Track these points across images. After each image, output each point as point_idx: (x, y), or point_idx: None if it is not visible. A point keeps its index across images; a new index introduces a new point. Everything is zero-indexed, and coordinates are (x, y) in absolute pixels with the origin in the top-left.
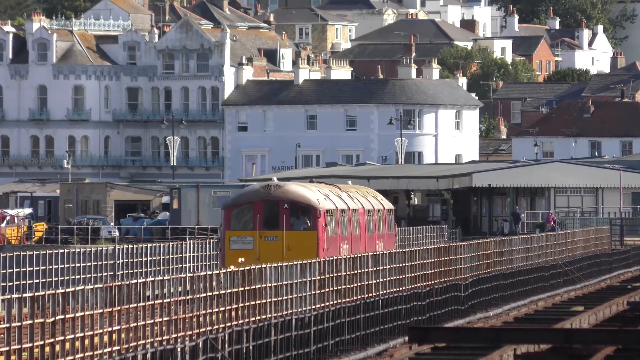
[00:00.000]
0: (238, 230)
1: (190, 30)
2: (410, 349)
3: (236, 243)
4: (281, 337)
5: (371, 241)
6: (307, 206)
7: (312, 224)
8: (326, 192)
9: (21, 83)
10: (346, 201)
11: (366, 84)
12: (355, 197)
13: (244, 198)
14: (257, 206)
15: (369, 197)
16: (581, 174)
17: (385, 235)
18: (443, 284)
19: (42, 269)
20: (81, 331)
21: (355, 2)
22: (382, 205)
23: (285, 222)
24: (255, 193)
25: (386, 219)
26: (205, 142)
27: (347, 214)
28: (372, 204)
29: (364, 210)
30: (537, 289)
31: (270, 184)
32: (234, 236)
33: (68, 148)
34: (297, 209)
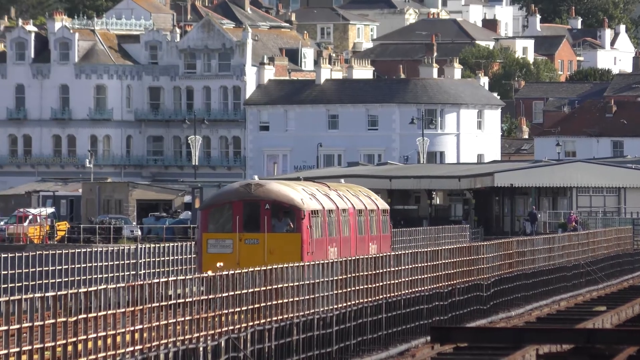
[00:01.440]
0: (216, 233)
1: (212, 30)
2: (432, 348)
3: (214, 246)
4: (303, 336)
5: (363, 243)
6: (290, 206)
7: (296, 225)
8: (312, 192)
9: (43, 82)
10: (335, 201)
11: (388, 83)
12: (346, 197)
13: (222, 198)
14: (237, 207)
15: (360, 196)
16: (603, 174)
17: (379, 237)
18: (465, 283)
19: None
20: (103, 330)
21: (376, 2)
22: (375, 205)
23: (266, 223)
24: (235, 192)
25: (380, 219)
26: (227, 141)
27: (335, 215)
28: (365, 203)
29: (355, 210)
30: (559, 289)
31: (250, 182)
32: (212, 239)
33: (90, 147)
34: (280, 210)
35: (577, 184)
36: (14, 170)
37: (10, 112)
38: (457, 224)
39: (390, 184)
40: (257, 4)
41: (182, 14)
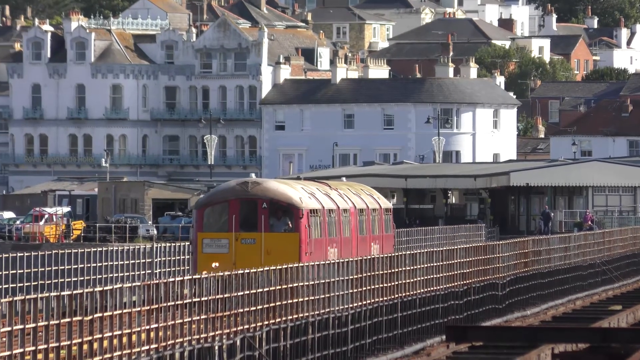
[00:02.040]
0: (212, 232)
1: (228, 30)
2: (447, 347)
3: (210, 246)
4: (318, 335)
5: (364, 243)
6: (288, 205)
7: (294, 225)
8: (312, 191)
9: (59, 82)
10: (335, 200)
11: (403, 83)
12: (347, 196)
13: (218, 196)
14: (233, 205)
15: (362, 195)
16: (619, 173)
17: (381, 237)
18: (480, 282)
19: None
20: (119, 329)
21: (392, 1)
22: (378, 204)
23: (263, 223)
24: (231, 191)
25: (382, 218)
26: (243, 140)
27: (335, 214)
28: (367, 202)
29: (356, 210)
30: (575, 288)
31: (248, 180)
32: (207, 239)
33: (106, 147)
34: (277, 209)
35: (593, 184)
36: (30, 169)
37: (27, 111)
38: (473, 223)
39: (406, 183)
40: (273, 4)
41: (198, 14)
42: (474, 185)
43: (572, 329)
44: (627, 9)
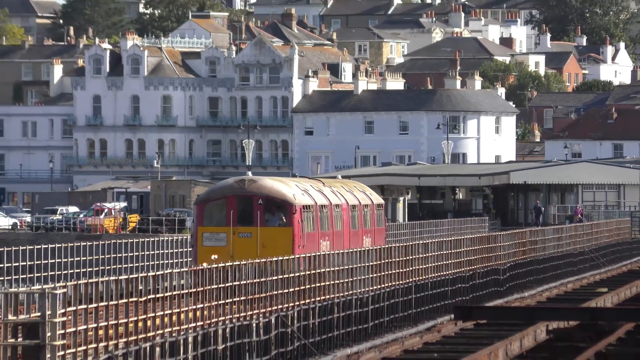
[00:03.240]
0: (211, 227)
1: (264, 47)
2: (455, 325)
3: (209, 240)
4: (343, 314)
5: (356, 237)
6: (282, 202)
7: (288, 220)
8: (305, 188)
9: (117, 93)
10: (328, 196)
11: (417, 93)
12: (339, 192)
13: (217, 193)
14: (231, 201)
15: (355, 192)
16: (605, 173)
17: (373, 231)
18: (484, 268)
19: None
20: (169, 309)
21: (407, 22)
22: (370, 200)
23: (259, 218)
24: (229, 188)
25: (374, 213)
26: (277, 144)
27: (328, 210)
28: (359, 198)
29: (348, 206)
30: (567, 273)
31: (244, 178)
32: (207, 232)
33: (157, 150)
34: (272, 205)
35: (582, 182)
36: (92, 169)
37: (89, 119)
38: (478, 217)
39: (419, 181)
40: (303, 25)
41: (238, 34)
42: (478, 183)
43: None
44: (612, 29)
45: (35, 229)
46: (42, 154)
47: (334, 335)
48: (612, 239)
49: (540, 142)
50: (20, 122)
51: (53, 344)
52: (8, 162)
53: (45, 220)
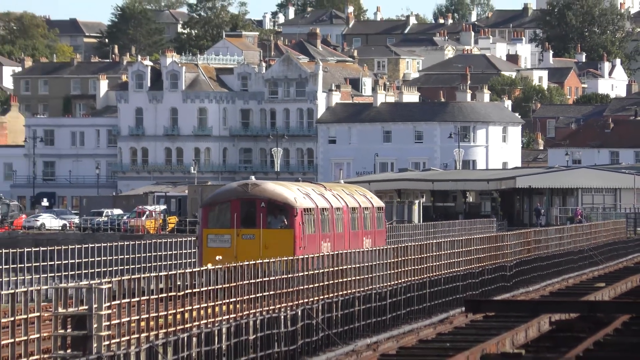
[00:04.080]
0: (216, 229)
1: (291, 64)
2: (466, 317)
3: (214, 241)
4: (363, 307)
5: (356, 238)
6: (284, 205)
7: (289, 222)
8: (307, 191)
9: (157, 106)
10: (329, 200)
11: (431, 105)
12: (340, 196)
13: (221, 196)
14: (235, 205)
15: (356, 196)
16: (603, 178)
17: (373, 232)
18: (492, 265)
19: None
20: (204, 302)
21: (422, 41)
22: (370, 203)
23: (262, 220)
24: (233, 192)
25: (375, 216)
26: (303, 152)
27: (329, 212)
28: (359, 202)
29: (349, 208)
30: (568, 269)
31: (247, 182)
32: (212, 234)
33: (194, 157)
34: (274, 208)
35: (582, 186)
36: (134, 175)
37: (132, 129)
38: (486, 218)
39: (432, 185)
40: (327, 43)
41: (267, 51)
42: (487, 187)
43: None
44: (609, 46)
45: (83, 230)
46: (89, 162)
47: (355, 327)
48: (609, 238)
49: (544, 150)
50: (69, 132)
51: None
52: (58, 169)
53: (92, 221)
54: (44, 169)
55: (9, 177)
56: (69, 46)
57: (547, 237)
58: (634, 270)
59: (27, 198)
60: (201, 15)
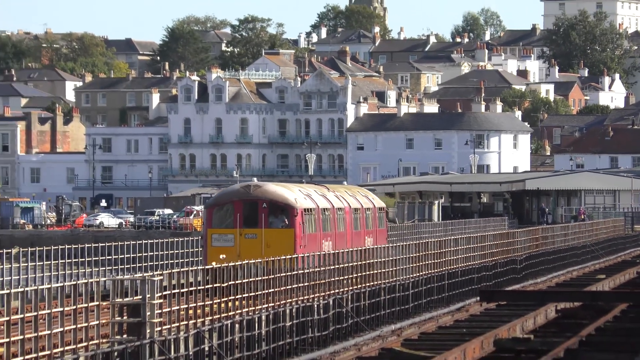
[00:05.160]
0: (219, 229)
1: (323, 78)
2: (480, 305)
3: (217, 240)
4: (388, 297)
5: (358, 237)
6: (285, 205)
7: (290, 222)
8: (309, 192)
9: (203, 117)
10: (331, 200)
11: (449, 116)
12: (342, 197)
13: (225, 198)
14: (237, 205)
15: (358, 197)
16: (603, 181)
17: (375, 231)
18: (504, 259)
19: None
20: (246, 292)
21: (441, 58)
22: (372, 204)
23: (264, 220)
24: (236, 193)
25: (376, 216)
26: (334, 158)
27: (330, 212)
28: (361, 202)
29: (351, 209)
30: (572, 263)
31: (250, 184)
32: (216, 234)
33: (236, 162)
34: (275, 208)
35: (584, 188)
36: (183, 178)
37: (181, 137)
38: (499, 217)
39: (450, 187)
40: (355, 60)
41: (302, 67)
42: (499, 189)
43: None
44: (609, 62)
45: (137, 228)
46: (142, 166)
47: (381, 314)
48: (609, 235)
49: (550, 156)
50: (125, 140)
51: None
52: (115, 173)
53: (145, 220)
54: (103, 173)
55: (71, 181)
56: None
57: (553, 234)
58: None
59: (88, 199)
60: (243, 35)
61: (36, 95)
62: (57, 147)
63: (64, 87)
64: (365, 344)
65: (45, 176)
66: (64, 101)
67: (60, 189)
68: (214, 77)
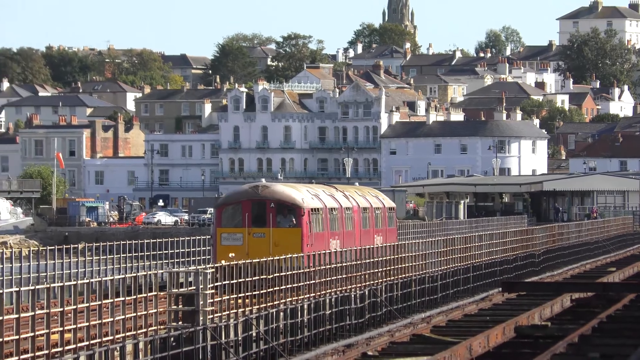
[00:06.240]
0: (228, 228)
1: (359, 90)
2: (502, 295)
3: (227, 239)
4: (419, 288)
5: (367, 235)
6: (292, 205)
7: (297, 221)
8: (316, 192)
9: (251, 125)
10: (339, 200)
11: (473, 123)
12: (352, 197)
13: (234, 198)
14: (246, 205)
15: (368, 197)
16: (614, 182)
17: (384, 230)
18: (524, 253)
19: None
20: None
21: (466, 71)
22: (382, 204)
23: (271, 220)
24: (245, 193)
25: (386, 215)
26: (369, 162)
27: (338, 212)
28: (371, 202)
29: (360, 208)
30: (585, 257)
31: (258, 184)
32: (225, 233)
33: (281, 166)
34: (283, 208)
35: (597, 189)
36: (232, 180)
37: (230, 143)
38: (519, 215)
39: (475, 188)
40: (388, 73)
41: (340, 80)
42: (519, 190)
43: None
44: (619, 75)
45: (191, 225)
46: (196, 170)
47: (412, 304)
48: (619, 231)
49: (565, 160)
50: (180, 146)
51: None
52: (171, 176)
53: (199, 218)
54: (160, 175)
55: (131, 183)
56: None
57: (568, 231)
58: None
59: (146, 199)
60: (286, 50)
61: (100, 106)
62: (119, 152)
63: (125, 98)
64: (398, 330)
65: (108, 178)
66: (125, 111)
67: (121, 190)
68: (260, 88)
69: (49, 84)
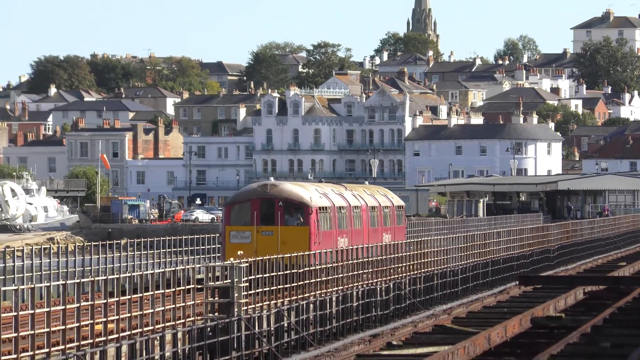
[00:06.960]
0: (237, 226)
1: (385, 95)
2: (519, 288)
3: (235, 237)
4: (441, 281)
5: (376, 233)
6: (300, 204)
7: (305, 219)
8: (325, 191)
9: (283, 128)
10: (348, 199)
11: (492, 126)
12: (360, 196)
13: (242, 196)
14: (255, 204)
15: (377, 195)
16: (624, 182)
17: (393, 228)
18: (540, 249)
19: None
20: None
21: (485, 77)
22: (390, 202)
23: (280, 218)
24: (253, 192)
25: (394, 214)
26: (394, 163)
27: (346, 210)
28: (379, 201)
29: (368, 207)
30: (598, 252)
31: (267, 183)
32: (234, 231)
33: (311, 167)
34: (291, 206)
35: (608, 188)
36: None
37: (263, 145)
38: (535, 213)
39: (493, 188)
40: (412, 79)
41: (367, 85)
42: (535, 189)
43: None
44: (629, 81)
45: None
46: (231, 170)
47: (434, 296)
48: (629, 228)
49: (579, 161)
50: (216, 148)
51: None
52: (208, 176)
53: None
54: (197, 175)
55: (171, 182)
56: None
57: (581, 227)
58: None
59: (185, 198)
60: (316, 58)
61: (141, 110)
62: (159, 154)
63: (165, 103)
64: (421, 321)
65: (149, 178)
66: (165, 115)
67: (161, 189)
68: (291, 94)
69: (94, 89)
